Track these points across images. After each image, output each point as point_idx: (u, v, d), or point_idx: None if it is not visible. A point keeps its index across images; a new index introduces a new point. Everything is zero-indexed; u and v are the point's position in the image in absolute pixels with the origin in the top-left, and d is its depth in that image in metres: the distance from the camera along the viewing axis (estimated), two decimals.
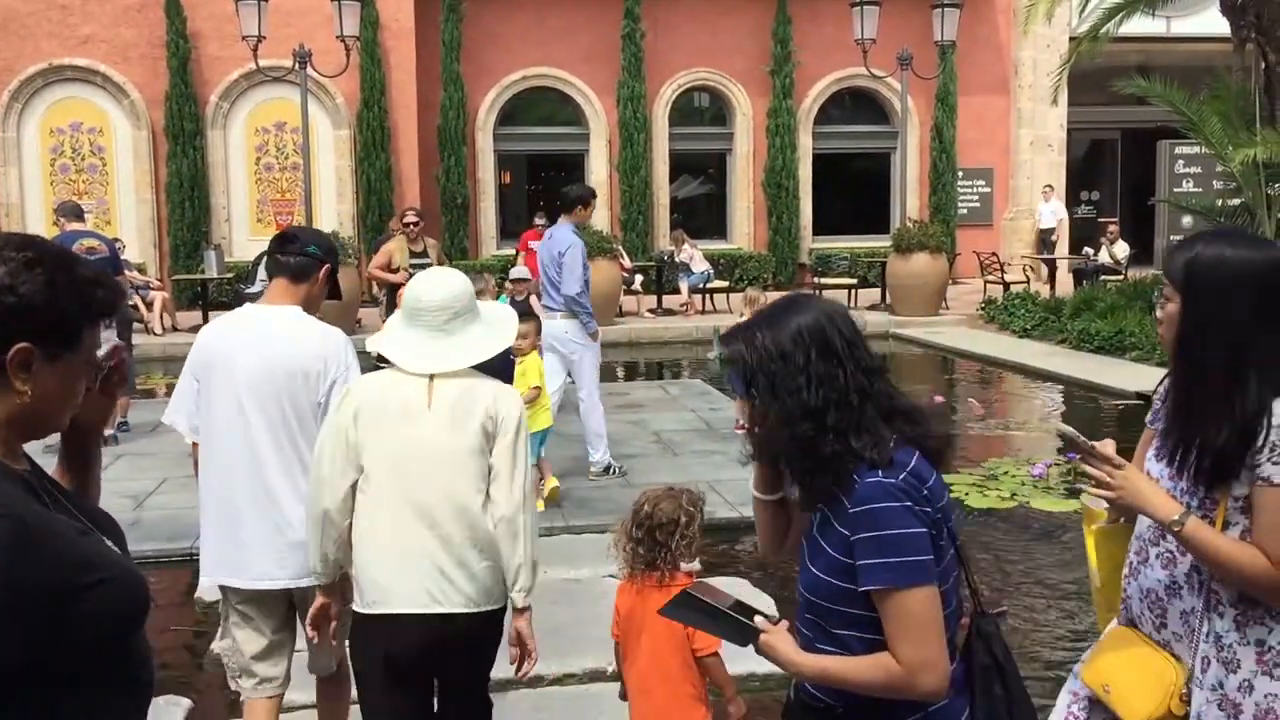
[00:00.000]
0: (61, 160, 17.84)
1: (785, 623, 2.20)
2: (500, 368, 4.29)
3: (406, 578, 2.97)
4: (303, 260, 3.45)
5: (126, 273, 14.10)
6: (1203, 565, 2.25)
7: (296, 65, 15.28)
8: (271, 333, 3.41)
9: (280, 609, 3.51)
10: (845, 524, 2.03)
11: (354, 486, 3.03)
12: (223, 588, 3.55)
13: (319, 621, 3.18)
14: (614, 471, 7.61)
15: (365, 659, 3.09)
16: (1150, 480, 2.34)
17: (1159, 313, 2.39)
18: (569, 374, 7.65)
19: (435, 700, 3.19)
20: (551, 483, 6.98)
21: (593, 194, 7.80)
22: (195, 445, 3.55)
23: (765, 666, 4.54)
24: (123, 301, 1.68)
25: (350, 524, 3.05)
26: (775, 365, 2.06)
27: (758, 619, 2.18)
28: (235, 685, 3.58)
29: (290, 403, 3.36)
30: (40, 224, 16.29)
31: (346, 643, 3.32)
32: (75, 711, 1.67)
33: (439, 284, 3.13)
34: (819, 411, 2.03)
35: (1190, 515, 2.21)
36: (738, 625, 2.20)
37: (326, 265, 3.52)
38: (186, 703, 4.25)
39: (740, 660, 4.63)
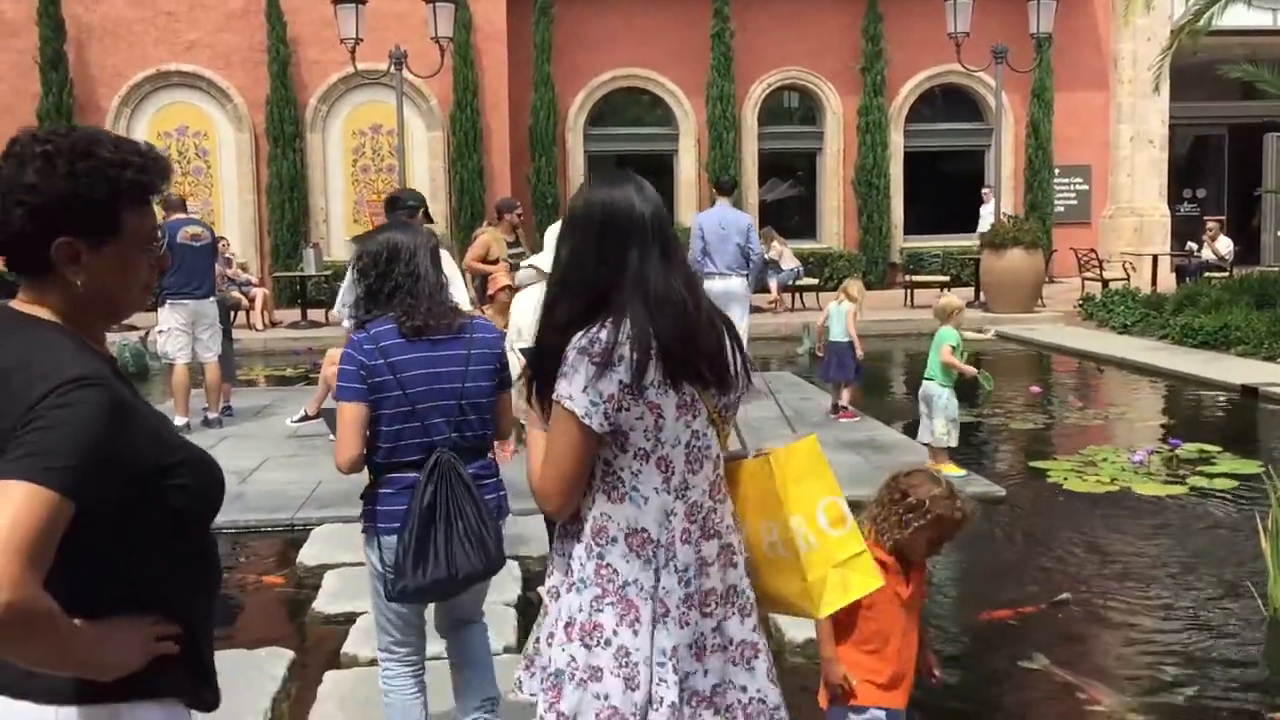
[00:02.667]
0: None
1: None
2: None
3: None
4: (406, 212, 3.80)
5: (227, 271, 14.57)
6: None
7: (392, 67, 15.61)
8: None
9: None
10: None
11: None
12: None
13: None
14: None
15: None
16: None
17: None
18: None
19: None
20: None
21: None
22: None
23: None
24: (166, 180, 1.69)
25: None
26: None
27: None
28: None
29: None
30: None
31: None
32: (159, 581, 1.73)
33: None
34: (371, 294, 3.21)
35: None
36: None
37: (421, 210, 4.03)
38: (289, 654, 4.37)
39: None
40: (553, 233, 4.20)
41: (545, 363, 2.23)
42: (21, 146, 1.68)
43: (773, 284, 17.35)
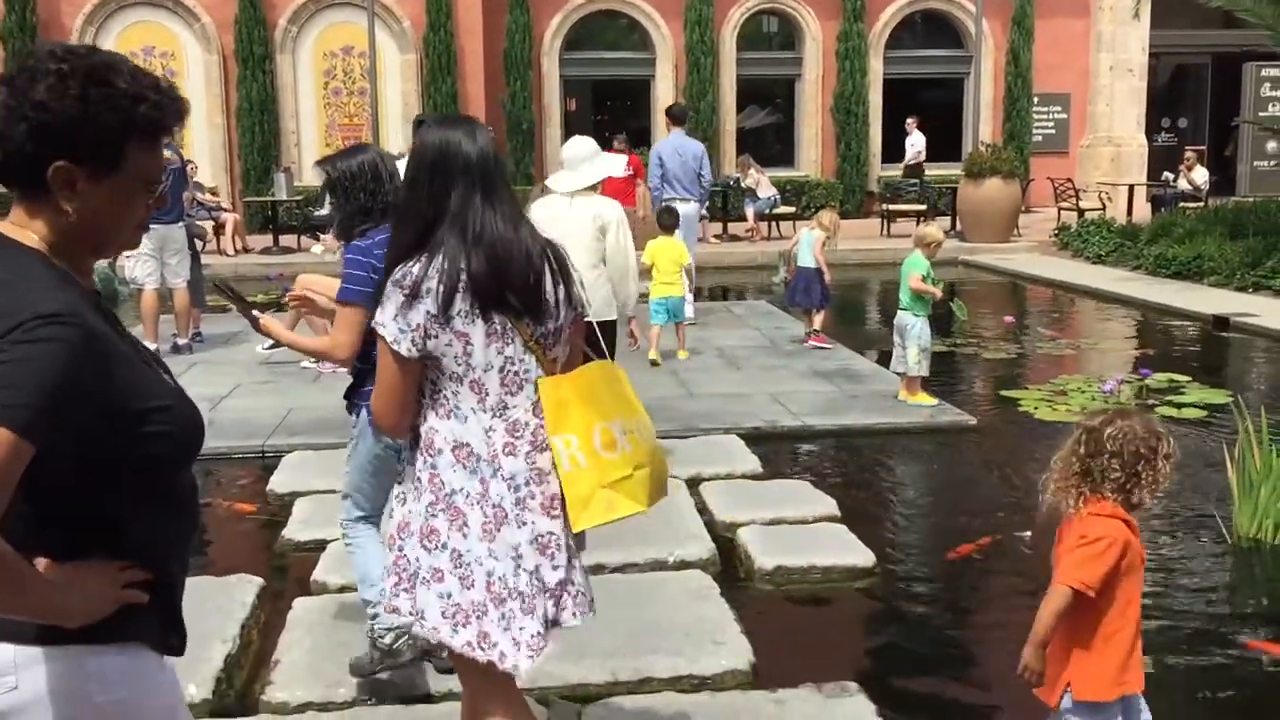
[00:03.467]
0: None
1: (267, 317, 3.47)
2: None
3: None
4: None
5: (198, 195, 14.35)
6: None
7: None
8: None
9: None
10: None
11: None
12: None
13: None
14: None
15: None
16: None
17: None
18: None
19: None
20: (683, 354, 8.64)
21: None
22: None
23: (827, 559, 4.57)
24: (180, 122, 1.68)
25: None
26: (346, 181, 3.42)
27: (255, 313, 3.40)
28: None
29: None
30: None
31: None
32: (133, 526, 1.69)
33: (580, 141, 5.42)
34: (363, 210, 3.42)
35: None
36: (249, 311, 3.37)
37: None
38: (259, 581, 4.36)
39: (800, 553, 4.67)
40: (577, 147, 5.36)
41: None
42: (36, 61, 1.61)
43: (749, 212, 17.25)
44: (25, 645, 1.61)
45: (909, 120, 19.16)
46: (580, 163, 5.26)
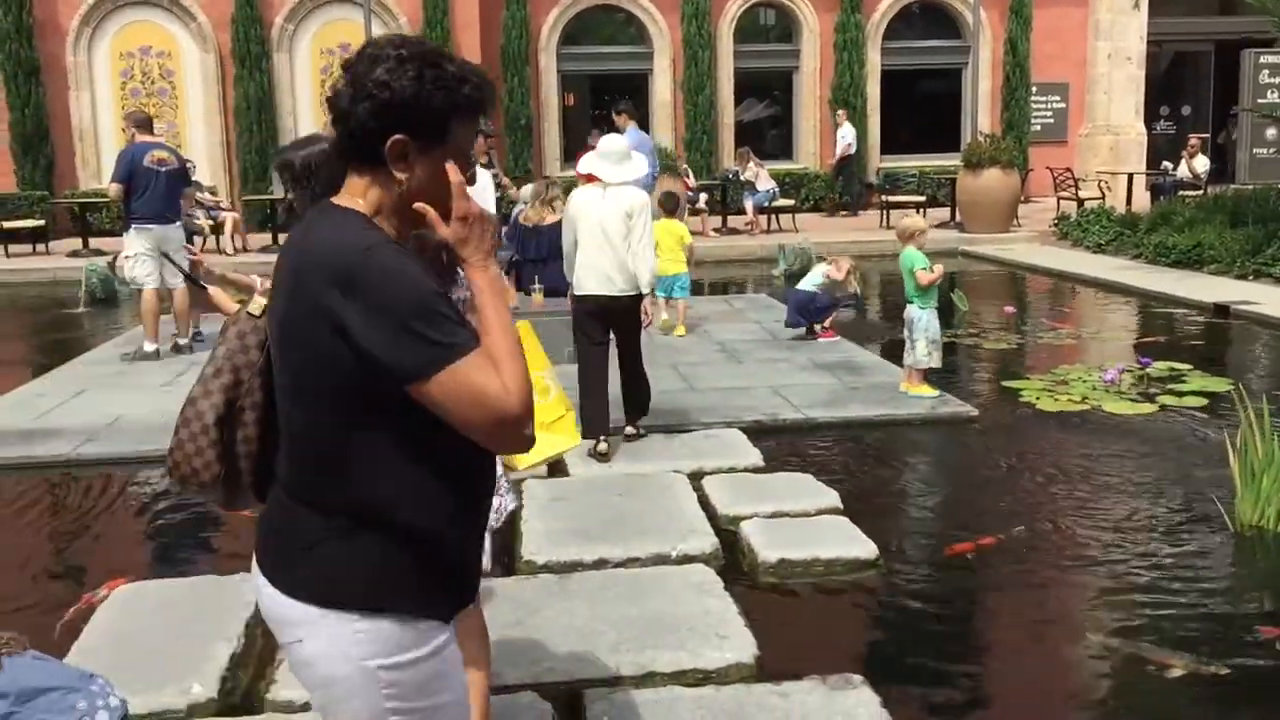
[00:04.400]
0: (132, 84, 18.04)
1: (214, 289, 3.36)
2: None
3: (598, 278, 5.87)
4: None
5: (197, 194, 14.34)
6: None
7: None
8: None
9: None
10: None
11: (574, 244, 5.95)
12: None
13: None
14: None
15: (578, 315, 5.98)
16: None
17: None
18: None
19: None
20: (680, 330, 9.33)
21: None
22: None
23: (830, 552, 4.58)
24: (493, 106, 1.85)
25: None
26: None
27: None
28: None
29: None
30: (113, 146, 16.49)
31: None
32: (448, 440, 1.78)
33: (616, 139, 6.19)
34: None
35: None
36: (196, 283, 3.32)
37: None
38: None
39: (803, 546, 4.67)
40: (614, 143, 6.10)
41: None
42: (377, 49, 1.82)
43: (748, 205, 17.23)
44: (311, 605, 1.80)
45: (840, 112, 19.13)
46: (618, 159, 5.98)
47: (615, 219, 5.84)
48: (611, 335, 6.01)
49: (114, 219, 15.08)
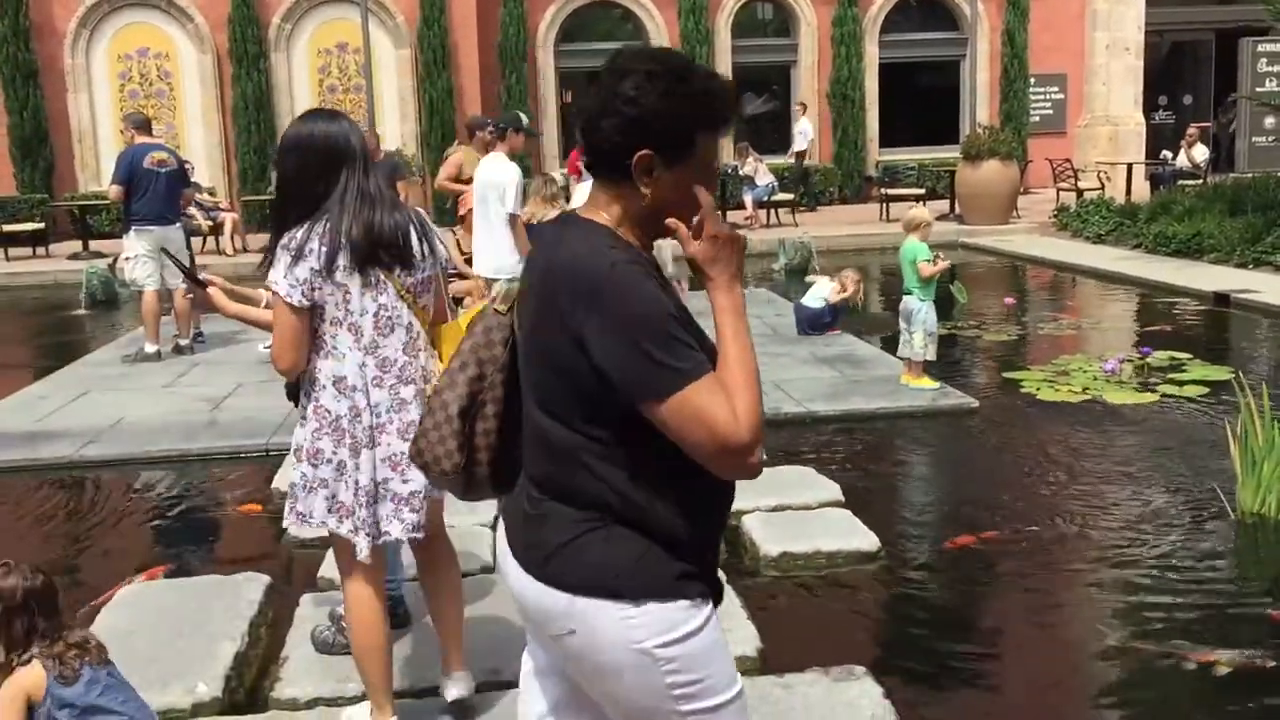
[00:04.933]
0: (130, 86, 18.05)
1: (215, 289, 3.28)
2: None
3: None
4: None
5: (195, 195, 14.34)
6: None
7: None
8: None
9: None
10: None
11: None
12: None
13: None
14: None
15: None
16: None
17: None
18: None
19: None
20: None
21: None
22: None
23: (832, 544, 4.58)
24: (736, 115, 1.87)
25: None
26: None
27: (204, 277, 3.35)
28: None
29: None
30: (112, 148, 16.51)
31: None
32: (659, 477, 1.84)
33: None
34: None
35: None
36: (196, 279, 3.33)
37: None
38: (266, 579, 4.38)
39: (805, 539, 4.68)
40: None
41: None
42: (624, 62, 1.84)
43: (748, 200, 17.23)
44: (576, 596, 1.86)
45: (796, 106, 19.08)
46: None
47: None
48: None
49: (113, 221, 15.10)
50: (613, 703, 1.95)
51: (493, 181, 7.31)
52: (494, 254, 7.22)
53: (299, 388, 3.65)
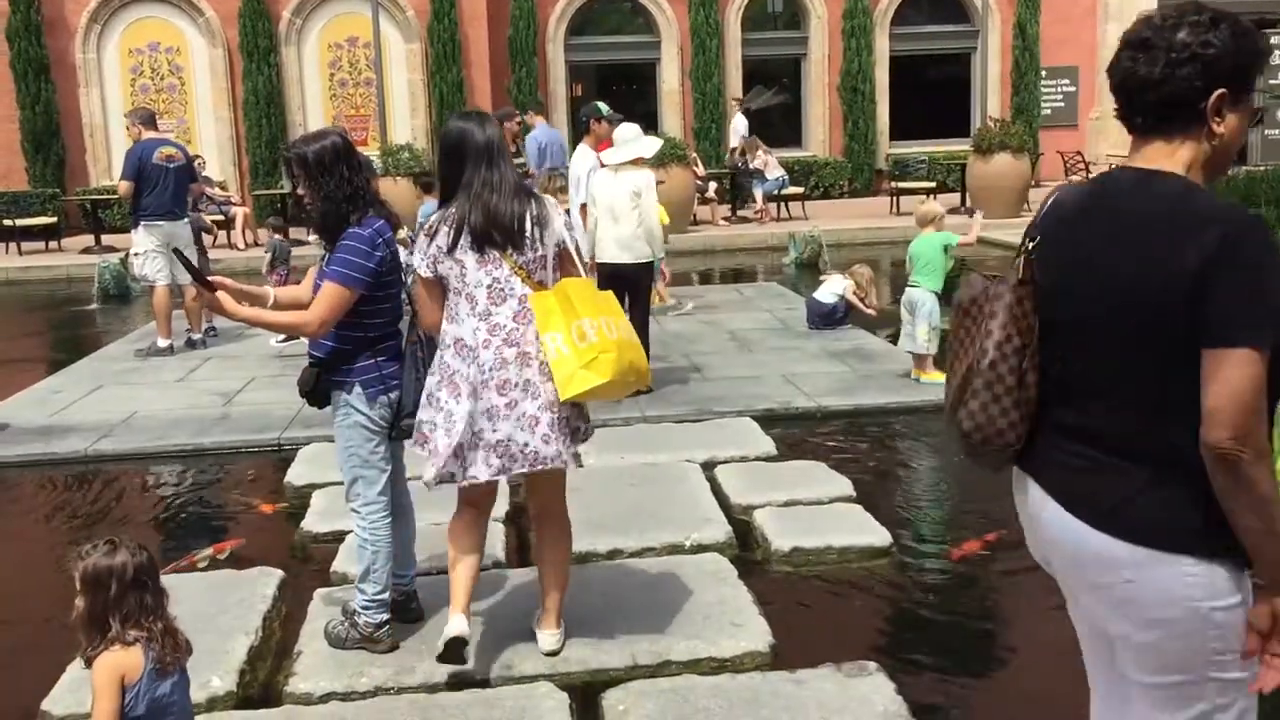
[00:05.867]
0: (141, 80, 18.08)
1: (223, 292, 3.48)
2: None
3: (614, 247, 6.75)
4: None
5: (206, 189, 14.38)
6: None
7: None
8: None
9: None
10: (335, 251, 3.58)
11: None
12: None
13: None
14: None
15: (600, 279, 6.18)
16: None
17: None
18: None
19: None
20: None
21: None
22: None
23: (844, 540, 4.59)
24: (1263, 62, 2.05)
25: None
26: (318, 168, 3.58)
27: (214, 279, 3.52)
28: None
29: None
30: (124, 143, 16.53)
31: None
32: None
33: (624, 128, 6.99)
34: (340, 194, 3.58)
35: None
36: (205, 282, 3.47)
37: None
38: (280, 573, 4.40)
39: (816, 534, 4.68)
40: (626, 131, 6.93)
41: None
42: (1178, 16, 1.96)
43: (758, 194, 17.20)
44: (1141, 547, 1.93)
45: (733, 100, 18.94)
46: (623, 144, 6.86)
47: (625, 197, 6.71)
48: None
49: (124, 215, 15.12)
50: (1148, 654, 2.00)
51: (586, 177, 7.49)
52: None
53: (311, 385, 3.68)
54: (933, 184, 17.74)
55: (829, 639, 3.89)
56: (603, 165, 7.04)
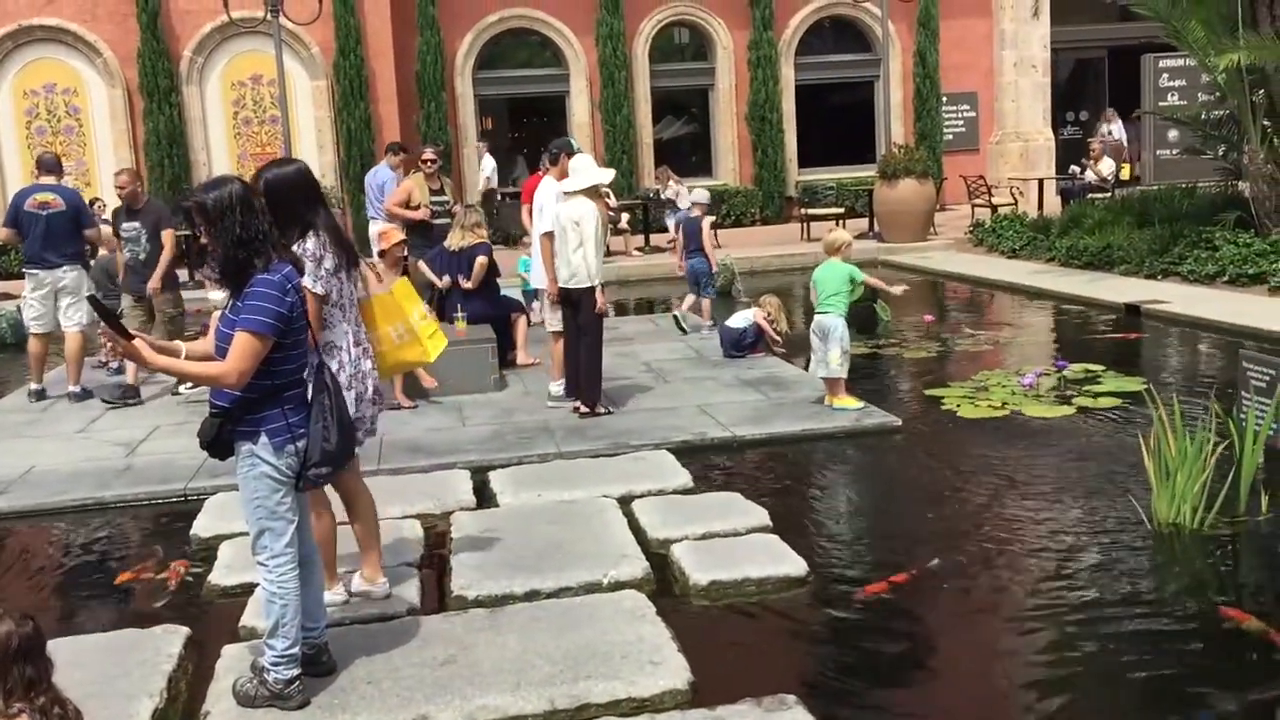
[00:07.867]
0: (38, 122, 17.63)
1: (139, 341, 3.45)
2: None
3: (564, 270, 7.26)
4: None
5: (103, 229, 13.99)
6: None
7: (269, 15, 15.06)
8: None
9: None
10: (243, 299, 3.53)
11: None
12: None
13: None
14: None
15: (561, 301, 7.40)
16: None
17: None
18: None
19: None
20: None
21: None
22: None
23: (761, 571, 4.58)
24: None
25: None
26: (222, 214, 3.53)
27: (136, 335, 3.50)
28: None
29: None
30: (19, 187, 16.09)
31: None
32: None
33: (579, 159, 7.41)
34: (242, 241, 3.52)
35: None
36: (121, 330, 3.43)
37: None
38: (185, 630, 4.26)
39: (734, 566, 4.68)
40: (582, 161, 7.37)
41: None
42: None
43: (670, 223, 17.28)
44: None
45: (479, 144, 19.22)
46: (576, 173, 7.23)
47: (569, 226, 7.16)
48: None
49: (17, 263, 14.69)
50: None
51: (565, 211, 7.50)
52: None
53: (213, 436, 3.59)
54: (841, 209, 18.03)
55: (748, 672, 3.87)
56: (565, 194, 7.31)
